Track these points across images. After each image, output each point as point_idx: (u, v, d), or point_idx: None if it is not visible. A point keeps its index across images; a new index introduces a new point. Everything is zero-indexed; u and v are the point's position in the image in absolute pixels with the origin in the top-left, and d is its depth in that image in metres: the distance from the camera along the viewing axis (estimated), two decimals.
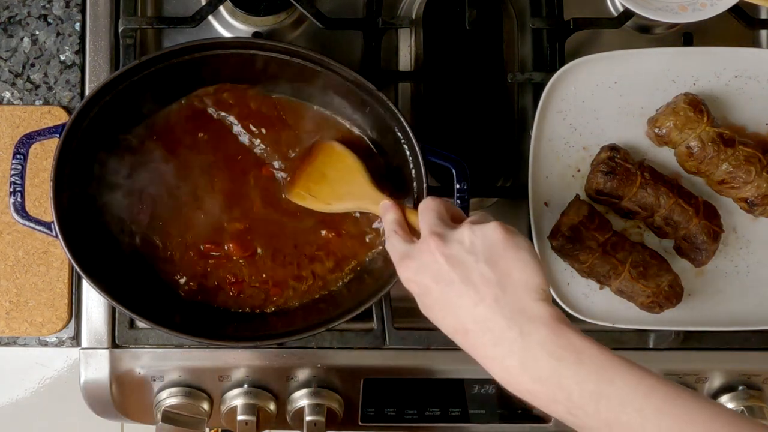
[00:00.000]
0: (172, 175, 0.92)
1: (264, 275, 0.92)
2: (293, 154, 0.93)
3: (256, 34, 0.99)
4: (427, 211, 0.75)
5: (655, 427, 0.62)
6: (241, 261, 0.92)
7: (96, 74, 0.99)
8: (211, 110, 0.93)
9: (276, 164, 0.92)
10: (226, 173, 0.93)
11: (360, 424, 1.00)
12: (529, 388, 0.67)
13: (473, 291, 0.69)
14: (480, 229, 0.71)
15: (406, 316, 0.98)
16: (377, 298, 0.88)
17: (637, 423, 0.62)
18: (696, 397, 0.63)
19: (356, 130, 0.94)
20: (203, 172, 0.93)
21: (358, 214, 0.93)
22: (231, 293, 0.92)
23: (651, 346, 0.97)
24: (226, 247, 0.92)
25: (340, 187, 0.89)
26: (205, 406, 0.96)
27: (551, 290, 0.92)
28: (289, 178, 0.92)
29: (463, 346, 0.71)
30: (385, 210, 0.81)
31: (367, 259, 0.93)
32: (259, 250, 0.93)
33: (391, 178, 0.92)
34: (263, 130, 0.93)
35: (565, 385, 0.65)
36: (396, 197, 0.85)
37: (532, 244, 0.71)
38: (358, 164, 0.89)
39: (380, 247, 0.93)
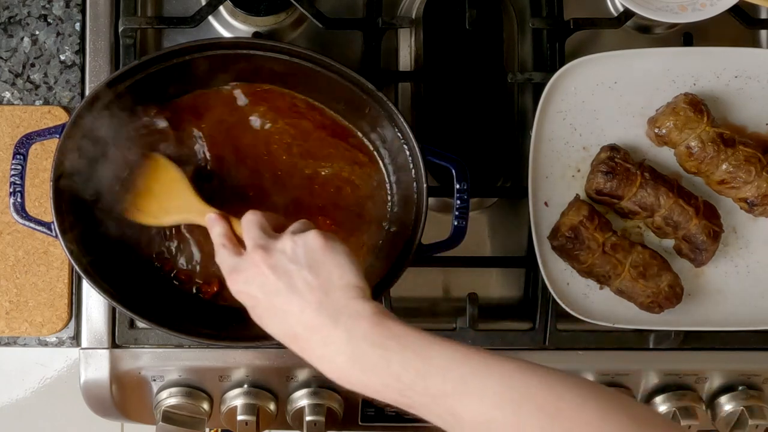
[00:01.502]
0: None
1: None
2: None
3: (256, 34, 0.99)
4: (250, 225, 0.78)
5: (476, 390, 0.65)
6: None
7: (96, 74, 0.99)
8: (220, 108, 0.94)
9: None
10: (233, 170, 0.93)
11: (360, 424, 1.00)
12: (361, 380, 0.70)
13: (299, 298, 0.73)
14: (301, 238, 0.75)
15: (406, 317, 0.97)
16: (377, 299, 0.88)
17: (461, 390, 0.66)
18: (510, 358, 0.67)
19: (356, 130, 0.94)
20: (204, 169, 0.93)
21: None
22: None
23: (651, 346, 0.97)
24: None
25: (166, 201, 0.89)
26: (205, 406, 0.96)
27: (552, 291, 0.92)
28: (123, 200, 0.90)
29: (296, 351, 0.74)
30: (211, 223, 0.83)
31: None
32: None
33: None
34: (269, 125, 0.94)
35: (393, 371, 0.68)
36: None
37: (347, 247, 0.76)
38: (181, 176, 0.89)
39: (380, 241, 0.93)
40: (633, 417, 0.62)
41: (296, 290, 0.73)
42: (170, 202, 0.88)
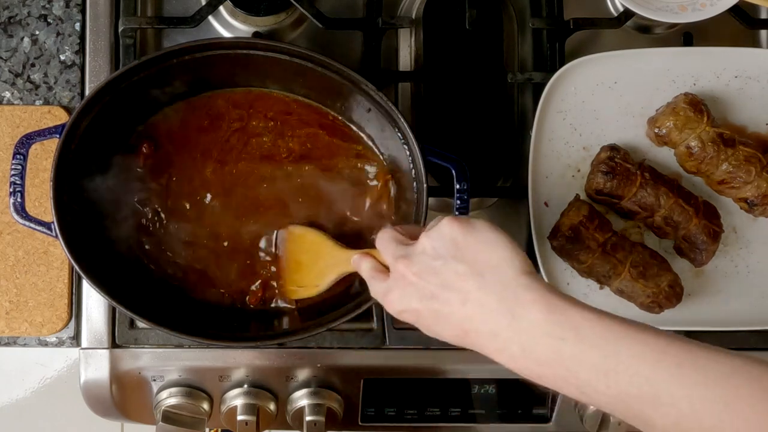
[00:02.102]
0: (175, 177, 0.93)
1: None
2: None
3: (256, 34, 0.99)
4: (385, 243, 0.76)
5: (669, 397, 0.58)
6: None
7: (96, 74, 0.99)
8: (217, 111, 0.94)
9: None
10: (232, 173, 0.93)
11: (360, 424, 1.00)
12: (536, 372, 0.65)
13: (455, 292, 0.68)
14: (435, 231, 0.71)
15: None
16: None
17: (650, 394, 0.59)
18: (711, 353, 0.59)
19: (355, 130, 0.94)
20: (207, 171, 0.93)
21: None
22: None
23: None
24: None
25: (317, 266, 0.89)
26: (205, 406, 0.96)
27: None
28: (279, 281, 0.92)
29: (474, 349, 0.69)
30: (357, 264, 0.80)
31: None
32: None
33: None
34: (271, 125, 0.94)
35: (569, 366, 0.62)
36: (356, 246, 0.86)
37: (491, 223, 0.70)
38: (320, 237, 0.89)
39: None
40: None
41: (449, 285, 0.68)
42: (320, 264, 0.88)
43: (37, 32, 1.01)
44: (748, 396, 0.56)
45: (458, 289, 0.68)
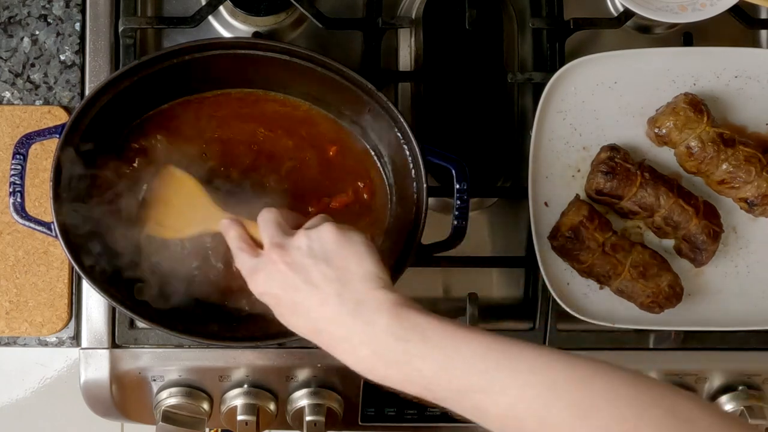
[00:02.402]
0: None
1: None
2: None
3: (256, 34, 0.99)
4: (266, 223, 0.78)
5: (500, 384, 0.64)
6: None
7: (96, 74, 0.99)
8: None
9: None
10: (233, 173, 0.93)
11: (360, 424, 1.00)
12: (385, 374, 0.69)
13: (317, 292, 0.72)
14: (315, 233, 0.74)
15: None
16: None
17: (484, 385, 0.65)
18: (538, 348, 0.66)
19: (356, 131, 0.94)
20: (206, 170, 0.93)
21: None
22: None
23: (651, 346, 0.97)
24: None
25: (185, 214, 0.88)
26: (205, 406, 0.96)
27: (552, 291, 0.92)
28: (142, 213, 0.90)
29: (321, 346, 0.74)
30: (226, 228, 0.81)
31: None
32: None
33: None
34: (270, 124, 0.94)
35: (416, 364, 0.67)
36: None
37: (366, 236, 0.75)
38: (198, 188, 0.88)
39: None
40: (672, 412, 0.59)
41: (314, 284, 0.72)
42: (191, 213, 0.88)
43: (37, 32, 1.01)
44: (570, 379, 0.62)
45: (321, 290, 0.72)
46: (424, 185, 0.88)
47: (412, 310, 0.70)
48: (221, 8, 1.00)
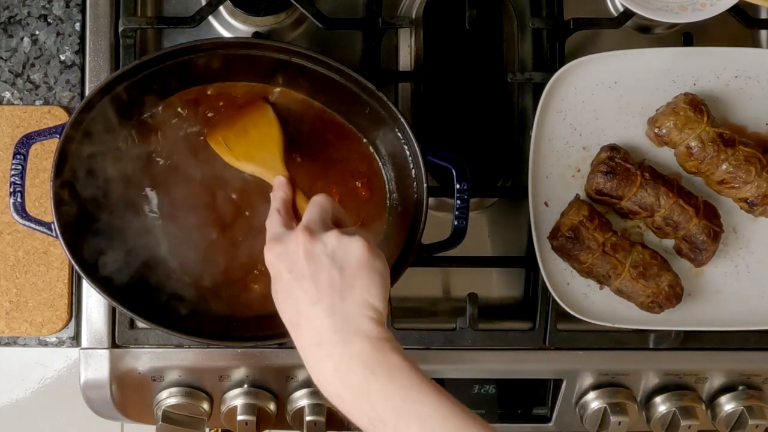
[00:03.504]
0: (173, 177, 0.93)
1: None
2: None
3: (256, 34, 0.99)
4: (315, 206, 0.78)
5: None
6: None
7: (96, 74, 0.99)
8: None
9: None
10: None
11: None
12: (339, 393, 0.71)
13: (317, 290, 0.72)
14: (346, 239, 0.74)
15: (406, 317, 0.98)
16: None
17: None
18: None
19: (356, 130, 0.94)
20: (204, 173, 0.93)
21: None
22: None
23: (651, 346, 0.97)
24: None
25: (253, 148, 0.89)
26: (205, 406, 0.97)
27: (552, 291, 0.92)
28: (216, 120, 0.92)
29: (293, 340, 0.75)
30: (277, 186, 0.83)
31: None
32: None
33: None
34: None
35: (372, 398, 0.68)
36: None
37: (388, 270, 0.75)
38: (279, 135, 0.89)
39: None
40: None
41: (318, 282, 0.73)
42: (257, 151, 0.88)
43: (37, 32, 1.01)
44: None
45: (320, 291, 0.72)
46: (424, 185, 0.88)
47: (392, 348, 0.70)
48: (221, 8, 1.00)
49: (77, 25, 1.01)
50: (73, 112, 0.87)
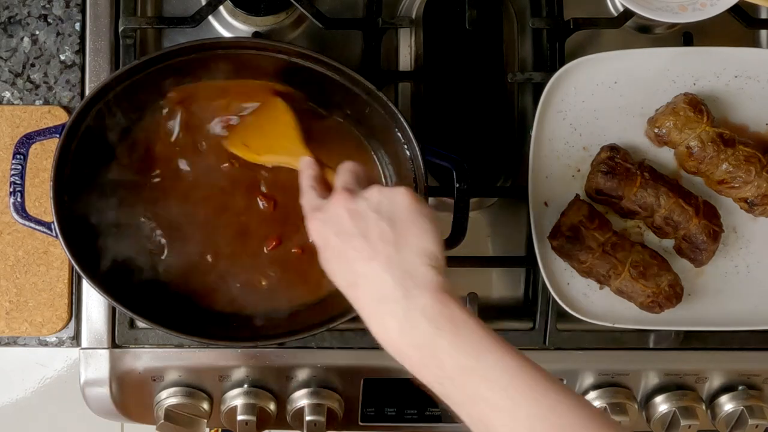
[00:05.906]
0: (174, 177, 0.93)
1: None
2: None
3: (256, 34, 0.99)
4: (344, 171, 0.77)
5: (514, 406, 0.63)
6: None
7: (96, 74, 0.99)
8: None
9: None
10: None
11: (360, 424, 1.00)
12: (404, 351, 0.68)
13: (369, 246, 0.70)
14: (389, 191, 0.73)
15: None
16: None
17: (498, 400, 0.64)
18: (560, 387, 0.65)
19: (356, 130, 0.94)
20: (206, 171, 0.93)
21: None
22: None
23: (651, 346, 0.97)
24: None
25: (273, 140, 0.90)
26: (205, 406, 0.97)
27: (552, 291, 0.92)
28: (233, 126, 0.93)
29: (353, 302, 0.72)
30: (304, 166, 0.82)
31: None
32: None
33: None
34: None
35: (438, 355, 0.66)
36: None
37: (435, 215, 0.73)
38: (293, 122, 0.90)
39: None
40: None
41: (368, 238, 0.70)
42: (276, 141, 0.89)
43: (37, 32, 1.01)
44: (577, 426, 0.63)
45: (374, 246, 0.70)
46: (424, 185, 0.88)
47: (455, 302, 0.68)
48: (221, 8, 1.00)
49: (77, 25, 1.01)
50: (73, 112, 0.87)
